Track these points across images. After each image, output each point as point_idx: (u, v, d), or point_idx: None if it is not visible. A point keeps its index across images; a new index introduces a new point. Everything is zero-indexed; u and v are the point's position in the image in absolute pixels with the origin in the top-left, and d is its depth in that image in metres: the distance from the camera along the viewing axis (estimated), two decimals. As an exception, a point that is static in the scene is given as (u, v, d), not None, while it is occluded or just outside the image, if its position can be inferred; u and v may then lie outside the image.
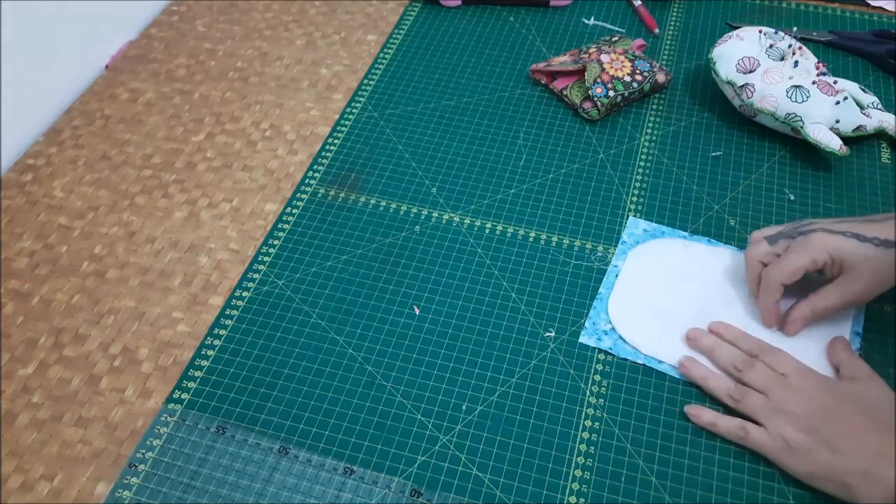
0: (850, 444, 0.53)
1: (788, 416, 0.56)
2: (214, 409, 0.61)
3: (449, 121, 0.83)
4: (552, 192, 0.76)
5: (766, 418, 0.57)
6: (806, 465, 0.54)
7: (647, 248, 0.71)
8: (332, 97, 0.87)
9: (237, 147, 0.82)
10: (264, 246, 0.72)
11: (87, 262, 0.72)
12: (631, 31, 0.93)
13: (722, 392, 0.59)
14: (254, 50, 0.93)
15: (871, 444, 0.53)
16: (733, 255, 0.69)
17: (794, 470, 0.55)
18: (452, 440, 0.59)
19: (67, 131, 0.84)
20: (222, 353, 0.64)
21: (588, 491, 0.56)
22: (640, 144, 0.80)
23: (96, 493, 0.57)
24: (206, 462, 0.58)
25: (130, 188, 0.78)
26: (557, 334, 0.65)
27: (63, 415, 0.61)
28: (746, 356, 0.60)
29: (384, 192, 0.76)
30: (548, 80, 0.85)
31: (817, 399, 0.56)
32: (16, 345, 0.66)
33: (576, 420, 0.60)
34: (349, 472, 0.57)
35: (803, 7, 0.96)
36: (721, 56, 0.79)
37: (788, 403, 0.56)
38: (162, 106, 0.86)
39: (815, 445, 0.54)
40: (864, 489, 0.52)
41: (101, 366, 0.64)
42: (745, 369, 0.59)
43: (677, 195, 0.75)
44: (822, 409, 0.55)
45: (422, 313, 0.67)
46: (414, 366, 0.63)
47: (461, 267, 0.70)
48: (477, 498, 0.56)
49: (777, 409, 0.56)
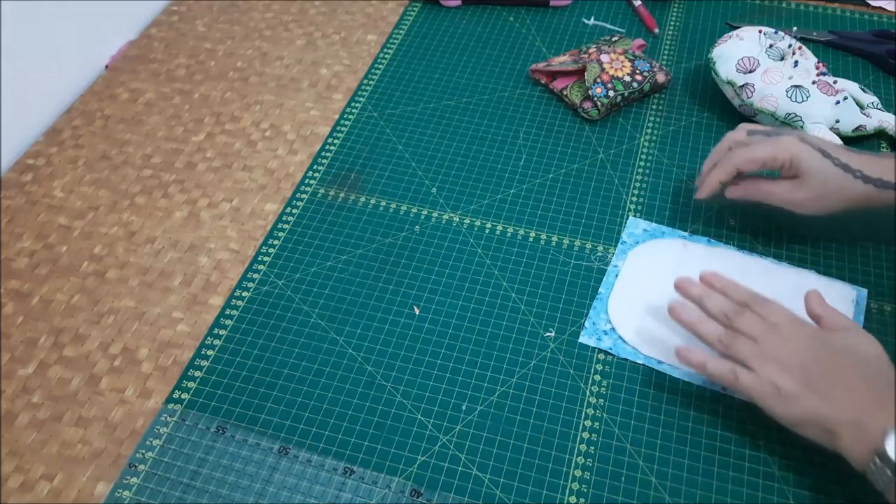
0: (839, 393, 0.53)
1: (779, 363, 0.56)
2: (214, 409, 0.61)
3: (449, 121, 0.83)
4: (552, 192, 0.76)
5: (756, 364, 0.56)
6: (793, 410, 0.55)
7: (646, 248, 0.71)
8: (332, 97, 0.87)
9: (237, 147, 0.82)
10: (264, 246, 0.72)
11: (87, 262, 0.72)
12: (631, 31, 0.93)
13: (712, 337, 0.59)
14: (254, 50, 0.93)
15: (860, 394, 0.53)
16: (733, 255, 0.69)
17: (779, 415, 0.55)
18: (452, 440, 0.59)
19: (67, 131, 0.84)
20: (222, 353, 0.64)
21: (588, 491, 0.56)
22: (640, 144, 0.80)
23: (96, 493, 0.57)
24: (206, 462, 0.58)
25: (130, 188, 0.78)
26: (557, 334, 0.65)
27: (63, 415, 0.61)
28: (737, 305, 0.60)
29: (384, 192, 0.76)
30: (548, 80, 0.85)
31: (809, 348, 0.56)
32: (16, 345, 0.66)
33: (576, 420, 0.60)
34: (349, 472, 0.57)
35: (803, 7, 0.96)
36: (721, 56, 0.79)
37: (779, 351, 0.56)
38: (162, 106, 0.86)
39: (805, 392, 0.54)
40: (848, 437, 0.52)
41: (101, 366, 0.64)
42: (735, 317, 0.59)
43: (677, 195, 0.75)
44: (814, 359, 0.55)
45: (422, 313, 0.67)
46: (414, 366, 0.63)
47: (461, 267, 0.70)
48: (477, 498, 0.56)
49: (768, 356, 0.56)
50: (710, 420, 0.60)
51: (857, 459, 0.52)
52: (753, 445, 0.58)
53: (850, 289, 0.67)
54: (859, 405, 0.53)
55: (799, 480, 0.56)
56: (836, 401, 0.53)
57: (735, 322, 0.59)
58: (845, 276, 0.68)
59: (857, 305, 0.66)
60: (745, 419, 0.59)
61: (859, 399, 0.53)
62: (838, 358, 0.55)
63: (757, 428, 0.59)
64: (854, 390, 0.53)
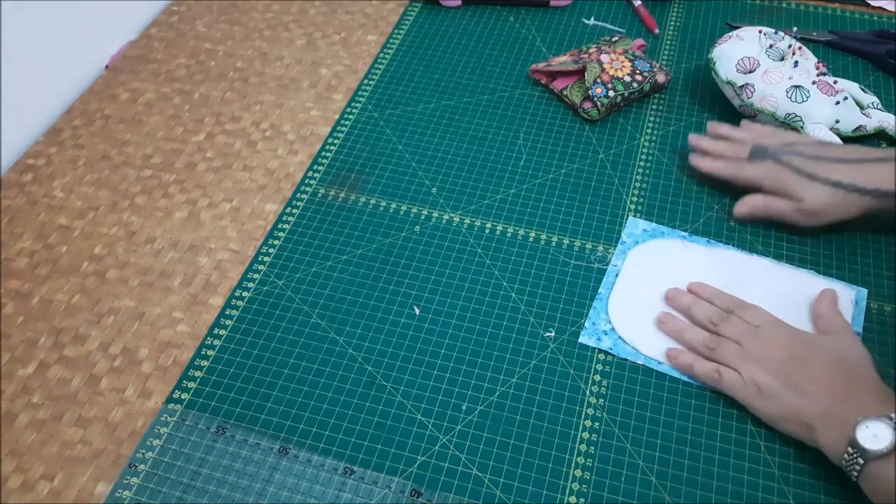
0: (816, 389, 0.55)
1: (760, 362, 0.58)
2: (214, 409, 0.61)
3: (449, 121, 0.83)
4: (552, 192, 0.76)
5: (739, 364, 0.59)
6: (775, 407, 0.57)
7: (646, 248, 0.71)
8: (332, 97, 0.87)
9: (237, 147, 0.82)
10: (264, 246, 0.72)
11: (87, 262, 0.72)
12: (631, 31, 0.93)
13: (698, 342, 0.62)
14: (254, 50, 0.93)
15: (836, 389, 0.55)
16: (733, 255, 0.69)
17: (763, 413, 0.58)
18: (452, 440, 0.59)
19: (67, 131, 0.84)
20: (222, 353, 0.64)
21: (588, 491, 0.56)
22: (640, 144, 0.80)
23: (96, 493, 0.57)
24: (206, 462, 0.58)
25: (130, 188, 0.78)
26: (557, 334, 0.65)
27: (63, 415, 0.61)
28: (722, 311, 0.63)
29: (384, 192, 0.76)
30: (548, 80, 0.85)
31: (789, 348, 0.59)
32: (16, 345, 0.66)
33: (576, 420, 0.60)
34: (349, 472, 0.57)
35: (803, 7, 0.96)
36: (721, 56, 0.79)
37: (761, 351, 0.59)
38: (162, 106, 0.86)
39: (784, 389, 0.57)
40: (824, 429, 0.54)
41: (101, 366, 0.64)
42: (720, 323, 0.62)
43: (677, 195, 0.75)
44: (793, 357, 0.58)
45: (422, 313, 0.67)
46: (414, 366, 0.63)
47: (461, 267, 0.70)
48: (477, 498, 0.56)
49: (750, 357, 0.59)
50: (710, 420, 0.60)
51: (833, 452, 0.53)
52: (753, 445, 0.58)
53: (850, 289, 0.67)
54: (832, 398, 0.55)
55: (799, 480, 0.56)
56: (813, 395, 0.55)
57: (720, 327, 0.62)
58: (845, 276, 0.68)
59: (857, 305, 0.66)
60: (744, 419, 0.59)
61: (832, 393, 0.55)
62: (817, 357, 0.58)
63: (757, 428, 0.59)
64: (828, 384, 0.56)
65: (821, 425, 0.54)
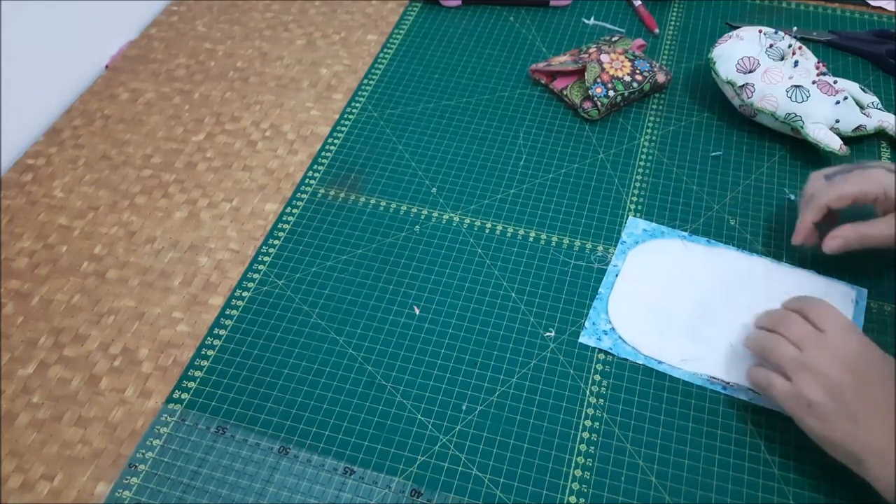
0: (873, 421, 0.51)
1: (817, 376, 0.53)
2: (214, 409, 0.61)
3: (449, 121, 0.83)
4: (552, 192, 0.76)
5: (792, 371, 0.54)
6: (824, 429, 0.52)
7: (646, 248, 0.71)
8: (332, 97, 0.87)
9: (237, 147, 0.82)
10: (264, 246, 0.72)
11: (87, 262, 0.72)
12: (631, 31, 0.93)
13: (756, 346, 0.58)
14: (254, 50, 0.93)
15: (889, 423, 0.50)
16: (733, 254, 0.69)
17: (811, 431, 0.54)
18: (452, 440, 0.59)
19: (67, 131, 0.84)
20: (222, 353, 0.64)
21: (588, 491, 0.56)
22: (640, 144, 0.80)
23: (96, 493, 0.57)
24: (206, 462, 0.58)
25: (130, 188, 0.78)
26: (557, 334, 0.65)
27: (63, 415, 0.61)
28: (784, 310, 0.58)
29: (384, 192, 0.76)
30: (548, 80, 0.85)
31: (853, 365, 0.53)
32: (16, 345, 0.66)
33: (576, 420, 0.60)
34: (349, 472, 0.57)
35: (803, 7, 0.96)
36: (721, 56, 0.79)
37: (819, 361, 0.53)
38: (162, 106, 0.86)
39: (837, 413, 0.52)
40: (877, 469, 0.50)
41: (101, 366, 0.64)
42: (780, 320, 0.57)
43: (677, 195, 0.75)
44: (855, 377, 0.52)
45: (422, 313, 0.67)
46: (414, 366, 0.63)
47: (461, 267, 0.70)
48: (477, 498, 0.56)
49: (806, 366, 0.54)
50: (710, 420, 0.60)
51: (884, 490, 0.50)
52: (753, 445, 0.58)
53: (850, 289, 0.67)
54: (889, 435, 0.50)
55: (799, 480, 0.56)
56: (868, 427, 0.51)
57: (779, 326, 0.57)
58: (845, 276, 0.68)
59: (857, 305, 0.66)
60: (745, 419, 0.59)
61: (888, 429, 0.50)
62: (884, 381, 0.52)
63: (757, 428, 0.59)
64: (885, 418, 0.51)
65: (873, 462, 0.50)
